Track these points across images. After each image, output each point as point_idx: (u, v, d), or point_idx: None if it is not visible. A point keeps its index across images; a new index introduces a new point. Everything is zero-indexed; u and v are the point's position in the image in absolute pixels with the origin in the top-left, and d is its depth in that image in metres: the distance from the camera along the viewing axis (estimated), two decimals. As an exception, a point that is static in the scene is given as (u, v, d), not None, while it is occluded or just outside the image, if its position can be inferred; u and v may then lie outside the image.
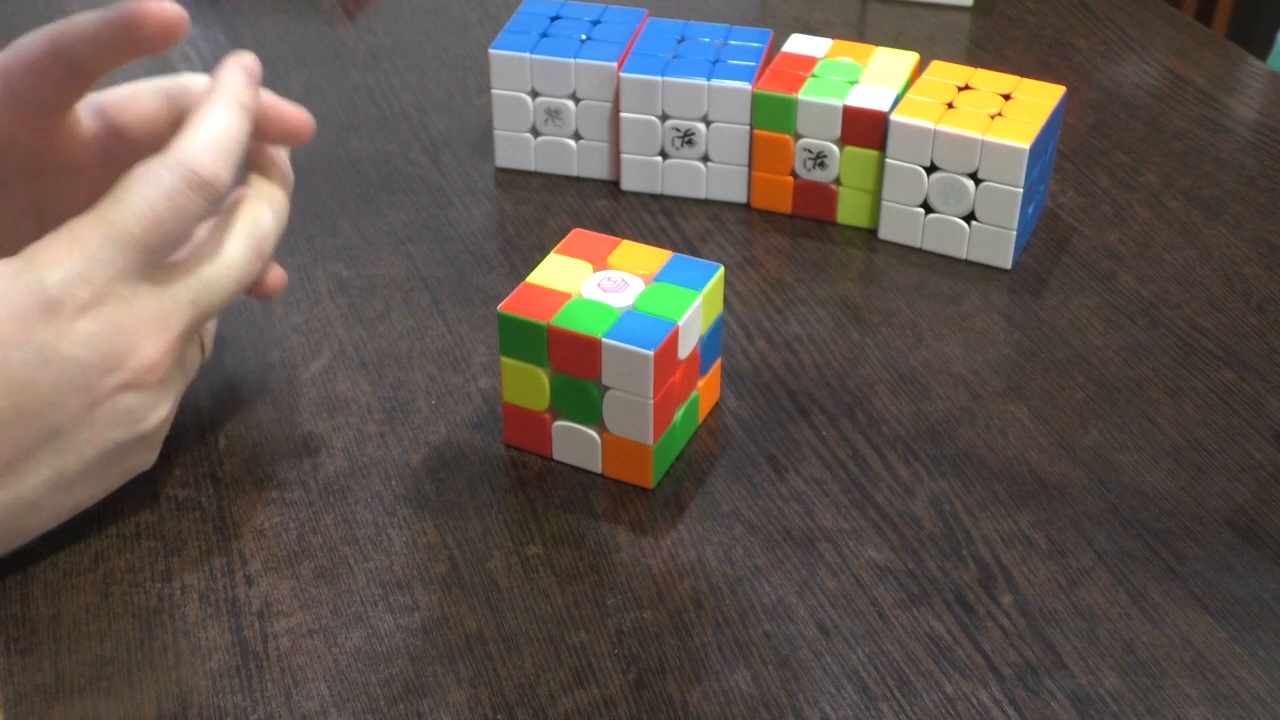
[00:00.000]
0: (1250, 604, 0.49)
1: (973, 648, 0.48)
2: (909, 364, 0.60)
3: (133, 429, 0.48)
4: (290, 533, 0.52)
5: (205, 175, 0.47)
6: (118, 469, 0.49)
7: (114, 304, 0.46)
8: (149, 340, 0.47)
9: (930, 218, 0.66)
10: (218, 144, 0.48)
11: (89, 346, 0.46)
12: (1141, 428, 0.57)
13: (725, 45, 0.69)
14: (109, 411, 0.47)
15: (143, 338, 0.47)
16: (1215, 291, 0.64)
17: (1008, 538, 0.52)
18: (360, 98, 0.78)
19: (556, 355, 0.52)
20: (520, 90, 0.69)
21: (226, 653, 0.47)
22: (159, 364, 0.48)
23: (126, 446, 0.49)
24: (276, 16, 0.86)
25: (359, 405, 0.57)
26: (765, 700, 0.46)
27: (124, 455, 0.49)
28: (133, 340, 0.47)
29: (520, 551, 0.51)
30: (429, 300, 0.63)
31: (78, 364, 0.46)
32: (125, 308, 0.47)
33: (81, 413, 0.46)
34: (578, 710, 0.45)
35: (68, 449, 0.47)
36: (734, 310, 0.63)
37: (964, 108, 0.65)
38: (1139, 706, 0.46)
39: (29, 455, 0.46)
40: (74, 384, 0.46)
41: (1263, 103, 0.79)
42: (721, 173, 0.69)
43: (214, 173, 0.48)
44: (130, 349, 0.47)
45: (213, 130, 0.49)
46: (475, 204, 0.69)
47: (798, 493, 0.54)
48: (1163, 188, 0.71)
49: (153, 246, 0.47)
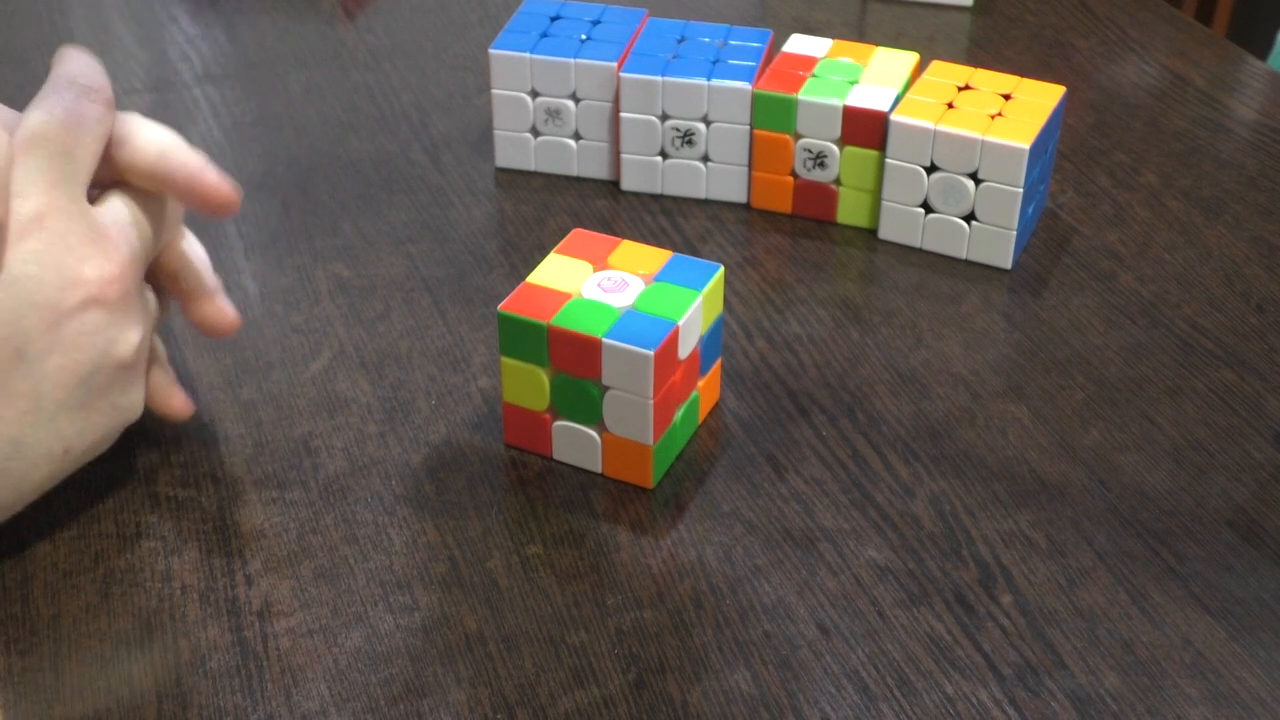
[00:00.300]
0: (1250, 604, 0.49)
1: (973, 648, 0.48)
2: (909, 364, 0.60)
3: (106, 351, 0.47)
4: (290, 533, 0.52)
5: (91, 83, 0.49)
6: (101, 403, 0.48)
7: (57, 217, 0.46)
8: (102, 254, 0.47)
9: (930, 218, 0.66)
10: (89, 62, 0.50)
11: (39, 263, 0.46)
12: (1141, 428, 0.57)
13: (725, 45, 0.69)
14: (75, 332, 0.46)
15: (95, 251, 0.47)
16: (1215, 291, 0.64)
17: (1008, 538, 0.52)
18: (360, 98, 0.78)
19: (556, 355, 0.52)
20: (520, 90, 0.69)
21: (226, 653, 0.47)
22: (118, 278, 0.47)
23: (104, 375, 0.48)
24: (276, 16, 0.86)
25: (359, 405, 0.57)
26: (765, 700, 0.46)
27: (105, 386, 0.48)
28: (85, 254, 0.47)
29: (520, 551, 0.51)
30: (429, 300, 0.63)
31: (31, 282, 0.45)
32: (70, 222, 0.47)
33: (46, 331, 0.46)
34: (578, 710, 0.45)
35: (40, 375, 0.46)
36: (734, 310, 0.63)
37: (964, 108, 0.65)
38: (1139, 706, 0.46)
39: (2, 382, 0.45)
40: (32, 303, 0.45)
41: (1263, 103, 0.79)
42: (721, 173, 0.69)
43: (97, 79, 0.49)
44: (83, 262, 0.47)
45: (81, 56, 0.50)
46: (475, 204, 0.69)
47: (798, 493, 0.54)
48: (1163, 188, 0.72)
49: (77, 155, 0.47)
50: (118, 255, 0.48)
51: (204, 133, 0.75)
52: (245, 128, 0.75)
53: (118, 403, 0.49)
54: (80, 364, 0.47)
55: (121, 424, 0.50)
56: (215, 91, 0.78)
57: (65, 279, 0.46)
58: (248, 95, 0.78)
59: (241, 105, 0.77)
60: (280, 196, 0.70)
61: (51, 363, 0.46)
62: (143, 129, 0.50)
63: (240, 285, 0.64)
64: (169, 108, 0.77)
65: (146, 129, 0.51)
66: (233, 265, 0.65)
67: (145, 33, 0.84)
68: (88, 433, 0.49)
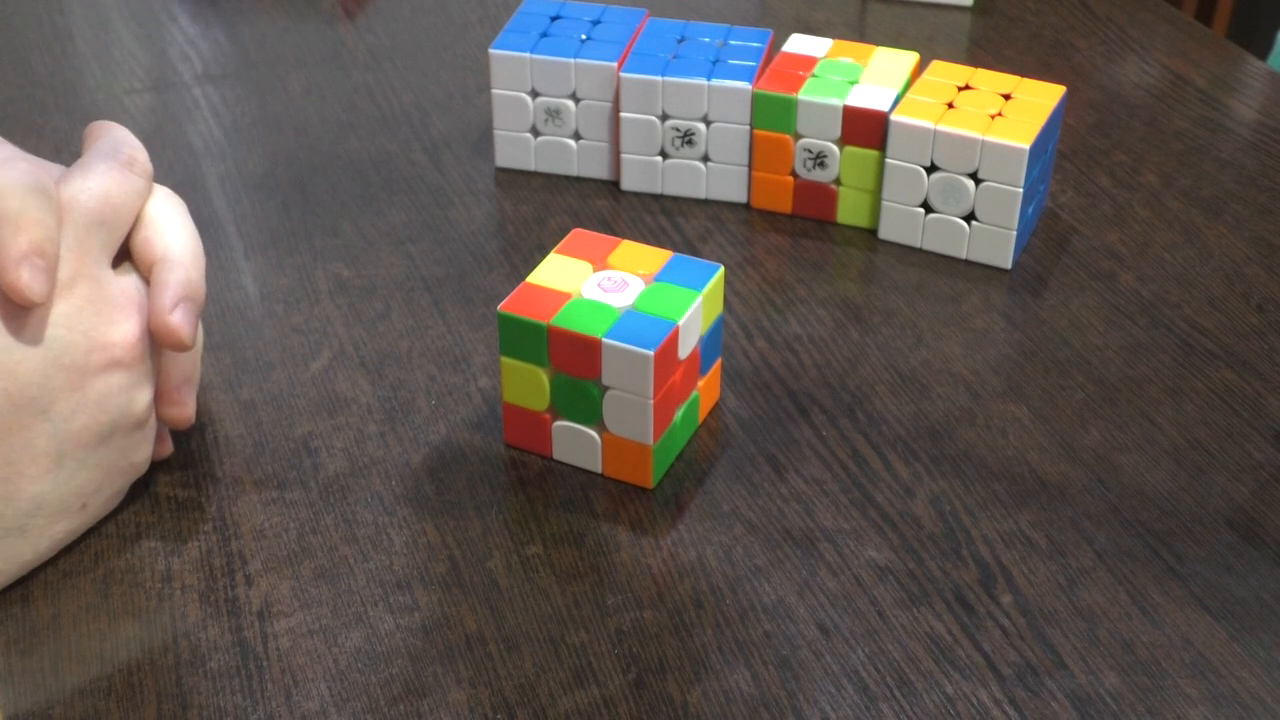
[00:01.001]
0: (1250, 604, 0.49)
1: (973, 648, 0.48)
2: (909, 364, 0.60)
3: (125, 410, 0.49)
4: (290, 533, 0.52)
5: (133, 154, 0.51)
6: (118, 460, 0.50)
7: (88, 284, 0.48)
8: (126, 320, 0.49)
9: (930, 218, 0.66)
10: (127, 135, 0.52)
11: (69, 327, 0.47)
12: (1141, 428, 0.57)
13: (725, 45, 0.69)
14: (98, 393, 0.48)
15: (120, 317, 0.48)
16: (1215, 291, 0.64)
17: (1008, 538, 0.52)
18: (360, 98, 0.78)
19: (556, 355, 0.52)
20: (520, 90, 0.69)
21: (226, 653, 0.47)
22: (139, 342, 0.49)
23: (122, 432, 0.49)
24: (276, 16, 0.86)
25: (359, 405, 0.57)
26: (765, 700, 0.46)
27: (121, 443, 0.49)
28: (111, 319, 0.48)
29: (520, 551, 0.51)
30: (429, 300, 0.63)
31: (60, 343, 0.47)
32: (99, 288, 0.48)
33: (71, 392, 0.47)
34: (578, 710, 0.45)
35: (64, 434, 0.47)
36: (734, 310, 0.63)
37: (964, 108, 0.65)
38: (1139, 706, 0.46)
39: (26, 436, 0.47)
40: (59, 364, 0.47)
41: (1263, 103, 0.79)
42: (721, 173, 0.69)
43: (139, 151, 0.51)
44: (109, 326, 0.48)
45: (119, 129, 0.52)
46: (475, 204, 0.69)
47: (798, 493, 0.54)
48: (1163, 188, 0.71)
49: (111, 223, 0.49)
50: (139, 319, 0.49)
51: (204, 133, 0.75)
52: (245, 128, 0.75)
53: (132, 459, 0.50)
54: (102, 423, 0.48)
55: (132, 479, 0.51)
56: (215, 91, 0.78)
57: (92, 342, 0.48)
58: (248, 95, 0.78)
59: (241, 105, 0.77)
60: (280, 196, 0.70)
61: (75, 422, 0.48)
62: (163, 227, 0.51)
63: (240, 285, 0.64)
64: (169, 107, 0.77)
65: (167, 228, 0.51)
66: (233, 265, 0.65)
67: (145, 33, 0.84)
68: (105, 489, 0.50)
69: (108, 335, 0.48)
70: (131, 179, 0.50)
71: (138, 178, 0.51)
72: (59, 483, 0.48)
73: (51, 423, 0.47)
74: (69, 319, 0.47)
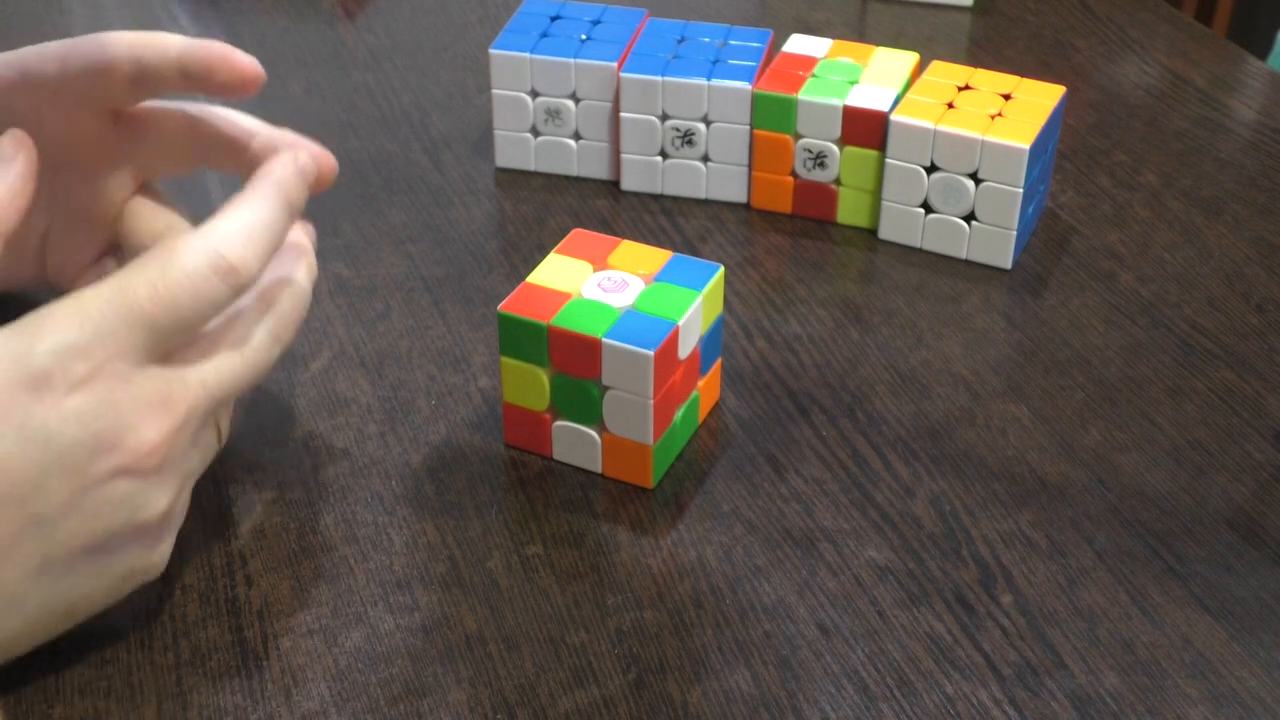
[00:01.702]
0: (1250, 604, 0.49)
1: (973, 648, 0.48)
2: (909, 364, 0.60)
3: (129, 519, 0.44)
4: (290, 533, 0.52)
5: (234, 261, 0.44)
6: (116, 567, 0.45)
7: (111, 381, 0.42)
8: (149, 422, 0.43)
9: (930, 218, 0.66)
10: (252, 232, 0.45)
11: (79, 425, 0.42)
12: (1141, 428, 0.57)
13: (725, 45, 0.69)
14: (99, 499, 0.43)
15: (142, 419, 0.43)
16: (1215, 291, 0.64)
17: (1008, 538, 0.52)
18: (360, 98, 0.78)
19: (556, 355, 0.52)
20: (520, 90, 0.69)
21: (226, 653, 0.47)
22: (158, 448, 0.43)
23: (122, 539, 0.44)
24: (276, 16, 0.86)
25: (359, 405, 0.57)
26: (765, 700, 0.46)
27: (121, 550, 0.44)
28: (130, 420, 0.43)
29: (520, 551, 0.51)
30: (429, 300, 0.63)
31: (65, 443, 0.42)
32: (124, 386, 0.43)
33: (68, 497, 0.42)
34: (578, 710, 0.45)
35: (51, 538, 0.42)
36: (734, 310, 0.63)
37: (964, 108, 0.65)
38: (1139, 706, 0.46)
39: (8, 540, 0.42)
40: (60, 465, 0.42)
41: (1263, 103, 0.79)
42: (721, 173, 0.69)
43: (244, 260, 0.45)
44: (126, 430, 0.43)
45: (250, 218, 0.46)
46: (475, 204, 0.70)
47: (798, 493, 0.54)
48: (1163, 188, 0.72)
49: (164, 329, 0.43)
50: (170, 420, 0.44)
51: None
52: (245, 128, 0.75)
53: (134, 565, 0.45)
54: (97, 530, 0.43)
55: (136, 585, 0.46)
56: (215, 91, 0.78)
57: (101, 445, 0.42)
58: (248, 95, 0.78)
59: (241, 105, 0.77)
60: (280, 196, 0.70)
61: (66, 527, 0.42)
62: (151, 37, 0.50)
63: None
64: (169, 108, 0.77)
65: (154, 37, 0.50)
66: (233, 265, 0.65)
67: (145, 33, 0.84)
68: (95, 595, 0.45)
69: (122, 439, 0.42)
70: (216, 288, 0.44)
71: (225, 288, 0.44)
72: (40, 586, 0.43)
73: (39, 526, 0.42)
74: (81, 416, 0.42)
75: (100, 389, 0.42)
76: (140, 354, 0.43)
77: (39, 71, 0.52)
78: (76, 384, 0.42)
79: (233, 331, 0.46)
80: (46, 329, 0.42)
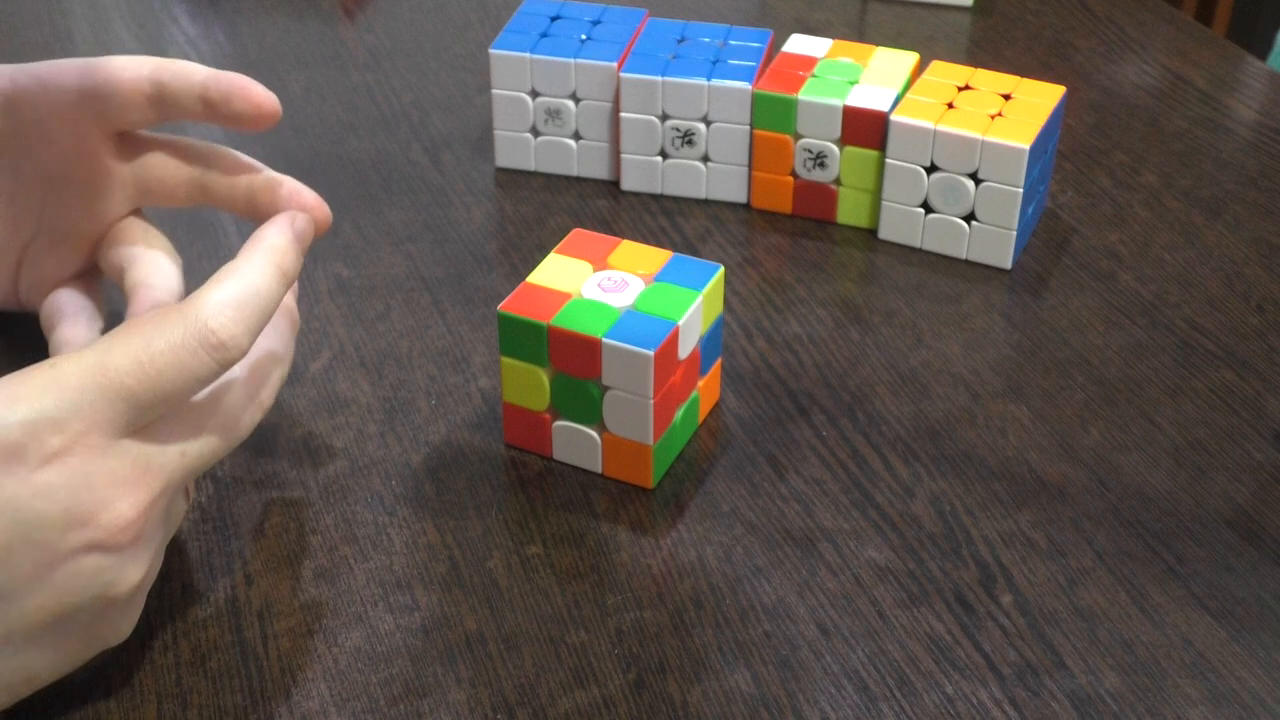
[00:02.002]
0: (1250, 604, 0.49)
1: (973, 648, 0.48)
2: (909, 364, 0.60)
3: (99, 594, 0.42)
4: (290, 533, 0.52)
5: (223, 337, 0.42)
6: (81, 636, 0.43)
7: (86, 454, 0.40)
8: (124, 497, 0.41)
9: (930, 218, 0.66)
10: (243, 304, 0.43)
11: (50, 499, 0.40)
12: (1141, 428, 0.57)
13: (725, 45, 0.69)
14: (68, 574, 0.40)
15: (117, 494, 0.41)
16: (1215, 291, 0.64)
17: (1008, 538, 0.52)
18: (360, 98, 0.78)
19: (556, 355, 0.52)
20: (520, 90, 0.69)
21: (226, 653, 0.47)
22: (133, 523, 0.41)
23: (90, 613, 0.42)
24: (276, 16, 0.86)
25: (359, 405, 0.57)
26: (765, 700, 0.46)
27: (89, 622, 0.43)
28: (104, 496, 0.41)
29: (520, 551, 0.51)
30: (429, 300, 0.63)
31: (34, 517, 0.40)
32: (100, 460, 0.41)
33: (34, 573, 0.40)
34: (578, 710, 0.45)
35: (16, 612, 0.40)
36: (734, 310, 0.63)
37: (964, 108, 0.65)
38: (1139, 706, 0.46)
39: None
40: (27, 540, 0.40)
41: (1263, 103, 0.79)
42: (721, 173, 0.69)
43: (234, 336, 0.43)
44: (100, 505, 0.41)
45: (241, 289, 0.43)
46: (475, 204, 0.70)
47: (798, 493, 0.54)
48: (1163, 188, 0.72)
49: (144, 403, 0.41)
50: (146, 494, 0.42)
51: (204, 133, 0.74)
52: (245, 128, 0.75)
53: (101, 633, 0.43)
54: (64, 605, 0.41)
55: (100, 650, 0.44)
56: (215, 91, 0.78)
57: (72, 520, 0.40)
58: (248, 95, 0.78)
59: (241, 105, 0.77)
60: (280, 196, 0.70)
61: (32, 602, 0.40)
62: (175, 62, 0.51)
63: (240, 285, 0.63)
64: (169, 108, 0.77)
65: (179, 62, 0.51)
66: (233, 265, 0.65)
67: (145, 33, 0.84)
68: (59, 664, 0.43)
69: (94, 515, 0.40)
70: (203, 363, 0.42)
71: (213, 364, 0.42)
72: (2, 657, 0.41)
73: (6, 603, 0.40)
74: (51, 490, 0.40)
75: (74, 462, 0.40)
76: (118, 428, 0.41)
77: (57, 83, 0.52)
78: (49, 457, 0.40)
79: (215, 401, 0.44)
80: (20, 398, 0.40)
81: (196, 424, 0.44)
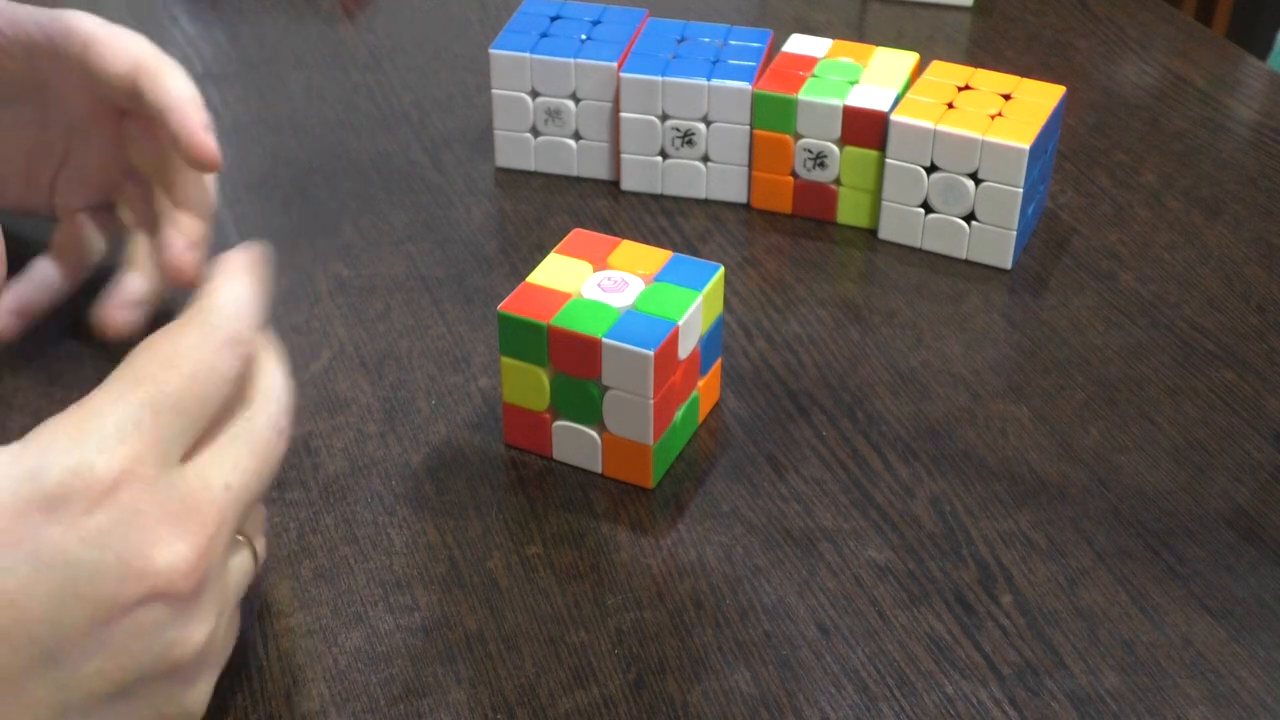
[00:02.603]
0: (1250, 604, 0.49)
1: (973, 648, 0.48)
2: (909, 364, 0.60)
3: (161, 655, 0.38)
4: (290, 533, 0.52)
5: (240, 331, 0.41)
6: (145, 714, 0.39)
7: (135, 488, 0.37)
8: (180, 536, 0.37)
9: (930, 218, 0.66)
10: (243, 302, 0.42)
11: (101, 547, 0.36)
12: (1141, 428, 0.57)
13: (725, 45, 0.69)
14: (125, 632, 0.37)
15: (174, 532, 0.37)
16: (1215, 291, 0.64)
17: (1008, 538, 0.52)
18: (360, 98, 0.78)
19: (556, 355, 0.52)
20: (520, 90, 0.69)
21: (226, 653, 0.47)
22: (195, 566, 0.38)
23: (152, 680, 0.38)
24: (276, 16, 0.86)
25: (359, 405, 0.57)
26: (765, 700, 0.46)
27: (151, 694, 0.38)
28: (160, 535, 0.37)
29: (520, 551, 0.51)
30: (429, 300, 0.63)
31: (86, 569, 0.36)
32: (149, 494, 0.37)
33: (89, 631, 0.36)
34: (578, 710, 0.45)
35: (70, 682, 0.36)
36: (734, 310, 0.63)
37: (964, 108, 0.65)
38: (1139, 706, 0.46)
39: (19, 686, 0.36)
40: (79, 595, 0.36)
41: (1263, 103, 0.79)
42: (721, 173, 0.69)
43: (248, 328, 0.42)
44: (157, 545, 0.37)
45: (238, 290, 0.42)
46: (475, 204, 0.70)
47: (798, 493, 0.54)
48: (1163, 188, 0.72)
49: (188, 409, 0.39)
50: (203, 533, 0.38)
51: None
52: (245, 128, 0.75)
53: (163, 710, 0.39)
54: (124, 669, 0.37)
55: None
56: (215, 91, 0.78)
57: (129, 569, 0.36)
58: (248, 95, 0.78)
59: (241, 105, 0.77)
60: (280, 196, 0.70)
61: (88, 668, 0.36)
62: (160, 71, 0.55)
63: (240, 285, 0.64)
64: (169, 108, 0.77)
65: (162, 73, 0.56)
66: (233, 265, 0.65)
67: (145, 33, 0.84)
68: None
69: (151, 559, 0.37)
70: (224, 358, 0.40)
71: (232, 360, 0.40)
72: None
73: (56, 668, 0.36)
74: (105, 536, 0.36)
75: (124, 499, 0.36)
76: (169, 452, 0.38)
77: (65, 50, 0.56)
78: (100, 495, 0.36)
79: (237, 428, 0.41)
80: (57, 440, 0.37)
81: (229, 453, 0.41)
